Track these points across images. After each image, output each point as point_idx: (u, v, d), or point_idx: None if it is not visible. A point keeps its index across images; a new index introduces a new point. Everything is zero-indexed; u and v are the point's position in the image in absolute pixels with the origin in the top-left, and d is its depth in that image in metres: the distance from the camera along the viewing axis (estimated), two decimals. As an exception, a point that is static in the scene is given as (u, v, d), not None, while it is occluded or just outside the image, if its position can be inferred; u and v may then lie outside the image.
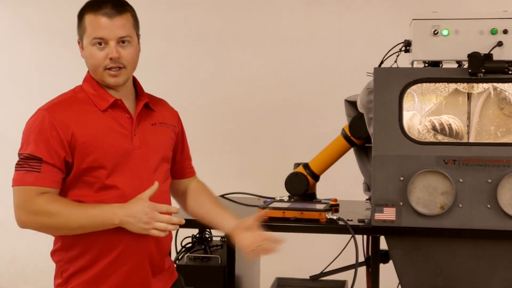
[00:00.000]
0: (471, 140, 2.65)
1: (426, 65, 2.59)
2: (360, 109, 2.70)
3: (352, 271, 2.54)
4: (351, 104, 2.89)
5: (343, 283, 3.10)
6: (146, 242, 2.09)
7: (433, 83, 2.60)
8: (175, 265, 2.63)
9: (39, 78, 5.08)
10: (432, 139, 2.65)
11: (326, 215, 2.60)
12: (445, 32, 2.50)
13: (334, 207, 2.71)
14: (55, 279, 2.16)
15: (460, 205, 2.45)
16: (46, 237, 2.09)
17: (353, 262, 2.54)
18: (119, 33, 2.06)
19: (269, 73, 4.79)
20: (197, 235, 2.93)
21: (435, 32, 2.50)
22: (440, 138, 2.64)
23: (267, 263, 3.53)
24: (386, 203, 2.49)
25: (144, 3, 3.18)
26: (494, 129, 2.65)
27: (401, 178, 2.47)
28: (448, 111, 2.70)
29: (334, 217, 2.58)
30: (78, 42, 2.15)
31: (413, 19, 2.53)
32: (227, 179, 4.41)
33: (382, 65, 2.67)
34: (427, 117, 2.70)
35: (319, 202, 2.80)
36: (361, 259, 2.73)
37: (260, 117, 4.79)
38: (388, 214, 2.49)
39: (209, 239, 2.97)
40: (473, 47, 2.47)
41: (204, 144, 4.40)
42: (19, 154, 2.05)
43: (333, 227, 2.58)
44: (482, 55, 2.44)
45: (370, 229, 2.55)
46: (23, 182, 2.01)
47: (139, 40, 2.17)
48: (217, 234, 2.98)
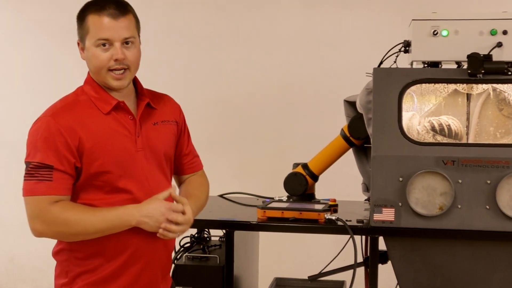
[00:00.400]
0: (470, 141, 2.65)
1: (426, 66, 2.59)
2: (359, 110, 2.70)
3: (351, 272, 2.54)
4: (350, 105, 2.89)
5: (342, 284, 3.09)
6: (156, 243, 2.12)
7: (433, 84, 2.60)
8: (174, 265, 2.63)
9: (38, 78, 5.08)
10: (431, 140, 2.64)
11: (325, 216, 2.60)
12: (445, 33, 2.50)
13: (333, 208, 2.71)
14: (58, 278, 2.15)
15: (459, 206, 2.45)
16: (45, 238, 2.08)
17: (352, 263, 2.54)
18: (124, 34, 2.06)
19: (268, 73, 4.79)
20: (196, 235, 2.93)
21: (435, 33, 2.50)
22: (439, 139, 2.64)
23: (266, 263, 3.54)
24: (385, 204, 2.49)
25: (144, 3, 3.18)
26: (493, 130, 2.65)
27: (400, 179, 2.47)
28: (448, 112, 2.70)
29: (333, 218, 2.58)
30: (78, 44, 2.14)
31: (413, 20, 2.53)
32: (226, 179, 4.40)
33: (382, 66, 2.67)
34: (426, 118, 2.70)
35: (318, 203, 2.80)
36: (360, 260, 2.73)
37: (259, 117, 4.79)
38: (387, 215, 2.49)
39: (208, 239, 2.96)
40: (473, 48, 2.46)
41: (203, 144, 4.36)
42: (27, 163, 2.03)
43: (332, 228, 2.58)
44: (482, 56, 2.44)
45: (369, 230, 2.55)
46: (36, 192, 1.99)
47: (140, 42, 2.17)
48: (216, 234, 2.98)
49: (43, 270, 5.13)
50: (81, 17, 2.09)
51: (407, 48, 2.63)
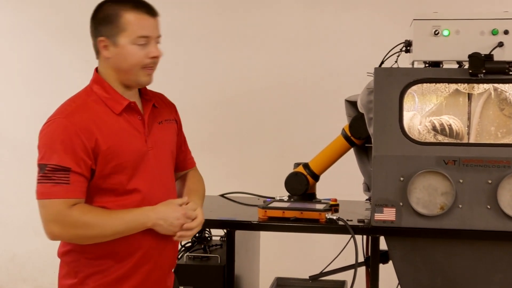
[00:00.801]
0: (472, 141, 2.65)
1: (427, 66, 2.59)
2: (360, 109, 2.70)
3: (352, 271, 2.54)
4: (352, 104, 2.89)
5: (343, 283, 3.09)
6: (165, 243, 2.15)
7: (434, 84, 2.60)
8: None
9: (38, 78, 5.08)
10: (432, 140, 2.64)
11: (326, 215, 2.60)
12: (446, 33, 2.50)
13: (334, 207, 2.71)
14: (64, 279, 2.13)
15: (460, 206, 2.45)
16: (45, 237, 2.08)
17: (353, 262, 2.54)
18: (158, 32, 2.10)
19: (269, 73, 4.78)
20: (197, 235, 2.93)
21: (436, 33, 2.50)
22: (440, 139, 2.64)
23: (267, 263, 3.54)
24: (386, 204, 2.49)
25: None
26: (495, 130, 2.65)
27: (401, 179, 2.47)
28: (449, 112, 2.70)
29: (334, 217, 2.58)
30: (101, 41, 2.08)
31: (414, 19, 2.53)
32: (227, 179, 4.41)
33: (383, 65, 2.66)
34: (428, 118, 2.70)
35: (319, 202, 2.80)
36: (361, 259, 2.73)
37: (260, 117, 4.79)
38: (388, 215, 2.49)
39: (209, 239, 2.96)
40: (474, 48, 2.46)
41: (204, 144, 4.40)
42: (43, 165, 1.99)
43: (333, 227, 2.58)
44: (483, 56, 2.44)
45: (370, 229, 2.55)
46: (53, 195, 1.97)
47: None
48: (217, 234, 2.98)
49: (44, 269, 5.14)
50: (111, 12, 2.05)
51: (408, 48, 2.63)
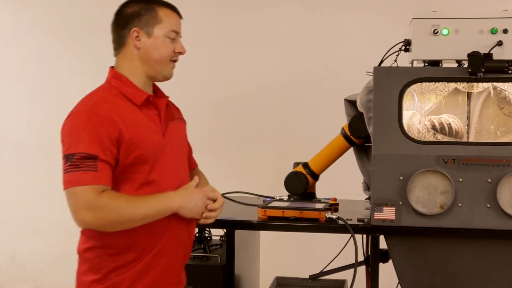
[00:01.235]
0: (471, 140, 2.65)
1: (426, 65, 2.59)
2: (360, 109, 2.70)
3: (352, 271, 2.54)
4: (351, 104, 2.89)
5: (343, 283, 3.09)
6: (182, 235, 2.21)
7: (433, 83, 2.60)
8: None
9: (37, 78, 5.08)
10: (432, 139, 2.64)
11: (326, 215, 2.60)
12: (445, 32, 2.50)
13: (334, 207, 2.71)
14: (85, 275, 2.16)
15: (460, 205, 2.45)
16: (45, 236, 2.08)
17: (353, 262, 2.54)
18: (181, 32, 2.26)
19: (268, 73, 4.79)
20: (197, 235, 2.93)
21: (435, 32, 2.50)
22: (440, 138, 2.64)
23: (267, 262, 3.54)
24: (386, 203, 2.49)
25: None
26: (494, 129, 2.65)
27: (401, 178, 2.47)
28: (448, 111, 2.70)
29: (334, 217, 2.58)
30: (134, 31, 2.17)
31: (413, 19, 2.53)
32: (227, 179, 4.39)
33: (382, 65, 2.67)
34: (427, 117, 2.70)
35: (319, 202, 2.80)
36: (361, 259, 2.73)
37: (260, 117, 4.79)
38: (388, 214, 2.49)
39: (209, 238, 2.97)
40: (473, 47, 2.47)
41: (204, 144, 4.39)
42: (69, 155, 2.01)
43: (333, 227, 2.58)
44: (482, 55, 2.44)
45: (370, 229, 2.55)
46: (83, 182, 1.99)
47: None
48: (217, 234, 2.98)
49: (44, 270, 5.14)
50: (146, 7, 2.18)
51: (408, 47, 2.63)
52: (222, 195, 3.15)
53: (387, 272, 2.74)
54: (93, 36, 4.87)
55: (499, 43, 2.47)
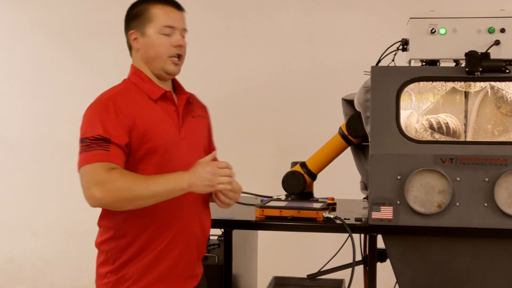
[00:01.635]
0: (468, 139, 2.65)
1: (424, 64, 2.59)
2: (358, 108, 2.70)
3: (350, 270, 2.54)
4: (349, 103, 2.89)
5: (340, 282, 3.10)
6: (194, 226, 2.23)
7: (431, 82, 2.60)
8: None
9: (34, 78, 5.08)
10: (429, 138, 2.64)
11: (323, 214, 2.60)
12: (443, 31, 2.50)
13: (331, 206, 2.71)
14: (102, 267, 2.23)
15: (457, 204, 2.45)
16: (43, 237, 2.09)
17: (351, 261, 2.54)
18: (183, 25, 2.25)
19: (266, 72, 4.79)
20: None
21: (433, 31, 2.50)
22: (437, 137, 2.64)
23: (265, 262, 3.54)
24: (383, 202, 2.49)
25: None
26: (491, 128, 2.65)
27: (398, 177, 2.47)
28: (446, 110, 2.70)
29: (331, 216, 2.58)
30: (131, 34, 2.23)
31: (411, 18, 2.53)
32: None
33: (380, 64, 2.67)
34: (424, 116, 2.70)
35: (316, 201, 2.81)
36: (359, 258, 2.73)
37: (257, 116, 4.79)
38: (385, 213, 2.49)
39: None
40: (471, 46, 2.47)
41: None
42: (84, 139, 2.07)
43: (330, 226, 2.58)
44: (480, 54, 2.44)
45: (367, 228, 2.55)
46: (93, 160, 2.03)
47: None
48: (214, 233, 2.98)
49: (42, 270, 5.13)
50: (141, 8, 2.23)
51: (405, 47, 2.64)
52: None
53: (385, 272, 2.74)
54: (89, 37, 4.87)
55: (497, 43, 2.47)
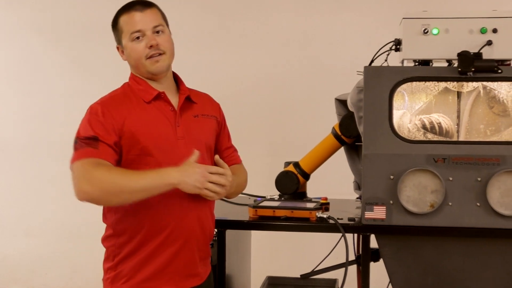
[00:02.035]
0: (461, 139, 2.65)
1: (416, 64, 2.59)
2: (351, 108, 2.71)
3: (343, 270, 2.54)
4: (342, 103, 2.89)
5: (334, 282, 3.10)
6: (191, 225, 2.24)
7: (423, 82, 2.60)
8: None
9: (26, 78, 5.07)
10: (422, 138, 2.65)
11: (316, 214, 2.60)
12: (435, 31, 2.51)
13: (325, 206, 2.72)
14: (105, 263, 2.30)
15: (450, 204, 2.46)
16: (36, 237, 2.09)
17: (344, 261, 2.54)
18: (152, 23, 2.25)
19: (259, 72, 4.79)
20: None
21: (425, 31, 2.51)
22: (430, 137, 2.65)
23: (258, 262, 3.54)
24: (376, 202, 2.50)
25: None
26: (484, 128, 2.66)
27: (391, 177, 2.48)
28: (438, 110, 2.71)
29: (324, 216, 2.58)
30: (117, 48, 2.32)
31: (403, 18, 2.54)
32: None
33: (372, 64, 2.67)
34: (417, 116, 2.71)
35: (310, 201, 2.81)
36: (352, 258, 2.73)
37: (251, 116, 4.79)
38: (378, 213, 2.50)
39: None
40: (463, 46, 2.47)
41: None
42: (76, 139, 2.16)
43: (323, 226, 2.58)
44: (472, 54, 2.45)
45: (361, 228, 2.56)
46: (81, 156, 2.10)
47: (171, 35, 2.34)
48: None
49: (35, 270, 5.12)
50: (114, 23, 2.30)
51: (398, 47, 2.64)
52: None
53: (378, 271, 2.74)
54: (82, 37, 4.87)
55: (489, 43, 2.48)
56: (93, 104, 2.23)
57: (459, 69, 2.45)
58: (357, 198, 2.97)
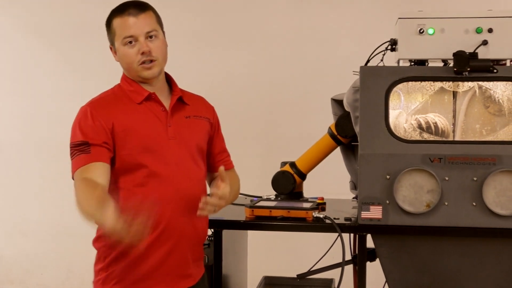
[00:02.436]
0: (457, 139, 2.66)
1: (412, 64, 2.60)
2: (347, 108, 2.71)
3: (339, 270, 2.55)
4: (338, 103, 2.89)
5: (330, 282, 3.10)
6: (183, 226, 2.23)
7: (419, 82, 2.61)
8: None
9: (21, 78, 5.06)
10: (418, 138, 2.65)
11: (313, 214, 2.60)
12: (431, 31, 2.51)
13: (321, 206, 2.72)
14: (97, 265, 2.29)
15: (446, 203, 2.46)
16: (32, 238, 2.09)
17: (340, 261, 2.54)
18: (146, 28, 2.23)
19: (255, 72, 4.79)
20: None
21: (421, 31, 2.51)
22: (426, 137, 2.65)
23: (254, 262, 3.54)
24: (373, 202, 2.50)
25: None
26: (479, 128, 2.66)
27: (387, 177, 2.48)
28: (434, 110, 2.71)
29: (321, 216, 2.58)
30: (111, 48, 2.31)
31: (399, 18, 2.54)
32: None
33: (368, 64, 2.67)
34: (413, 116, 2.71)
35: (306, 201, 2.81)
36: (348, 258, 2.74)
37: (247, 116, 4.79)
38: (375, 213, 2.50)
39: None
40: (459, 46, 2.48)
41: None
42: (70, 146, 2.18)
43: (320, 226, 2.58)
44: (468, 54, 2.45)
45: (357, 228, 2.56)
46: (76, 166, 2.14)
47: (165, 36, 2.33)
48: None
49: (31, 271, 5.11)
50: (108, 23, 2.28)
51: (394, 47, 2.64)
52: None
53: (375, 271, 2.74)
54: (73, 38, 4.86)
55: (484, 43, 2.48)
56: (83, 106, 2.24)
57: (455, 69, 2.45)
58: (354, 198, 2.97)
